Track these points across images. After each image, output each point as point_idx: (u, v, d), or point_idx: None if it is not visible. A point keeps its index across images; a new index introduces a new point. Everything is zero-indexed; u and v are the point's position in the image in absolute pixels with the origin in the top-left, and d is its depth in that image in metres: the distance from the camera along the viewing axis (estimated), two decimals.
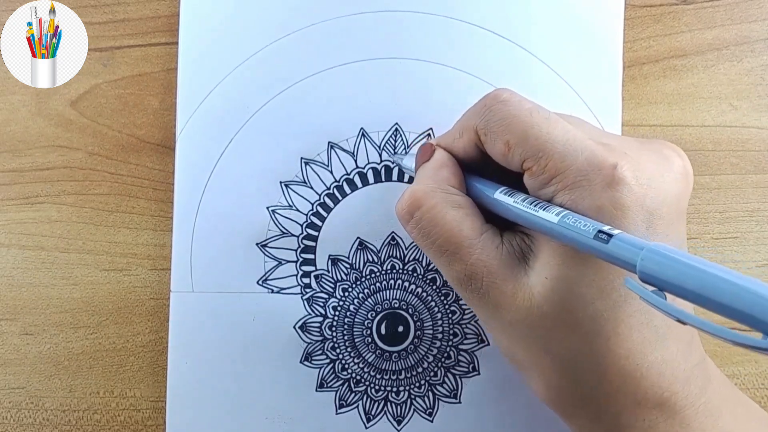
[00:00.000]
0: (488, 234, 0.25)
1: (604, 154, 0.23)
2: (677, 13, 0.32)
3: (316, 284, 0.32)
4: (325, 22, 0.32)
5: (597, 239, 0.21)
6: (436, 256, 0.26)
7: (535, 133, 0.24)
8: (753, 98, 0.32)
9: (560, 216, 0.22)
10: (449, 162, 0.27)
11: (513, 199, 0.25)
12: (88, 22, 0.33)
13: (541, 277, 0.24)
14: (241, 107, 0.32)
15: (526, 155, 0.24)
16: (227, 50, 0.32)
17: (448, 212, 0.25)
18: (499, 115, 0.25)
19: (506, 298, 0.24)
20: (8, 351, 0.33)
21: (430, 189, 0.26)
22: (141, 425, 0.32)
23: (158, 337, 0.32)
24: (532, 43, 0.32)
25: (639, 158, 0.23)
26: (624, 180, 0.22)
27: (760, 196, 0.32)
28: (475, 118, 0.26)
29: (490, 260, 0.24)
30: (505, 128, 0.24)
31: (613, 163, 0.23)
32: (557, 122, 0.24)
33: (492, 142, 0.25)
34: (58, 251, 0.33)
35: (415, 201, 0.26)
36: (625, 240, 0.21)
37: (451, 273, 0.25)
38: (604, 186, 0.22)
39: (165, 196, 0.33)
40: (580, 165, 0.23)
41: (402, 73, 0.32)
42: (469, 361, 0.32)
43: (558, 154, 0.23)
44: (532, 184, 0.24)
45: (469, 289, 0.25)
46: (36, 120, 0.33)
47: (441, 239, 0.25)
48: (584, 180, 0.23)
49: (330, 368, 0.32)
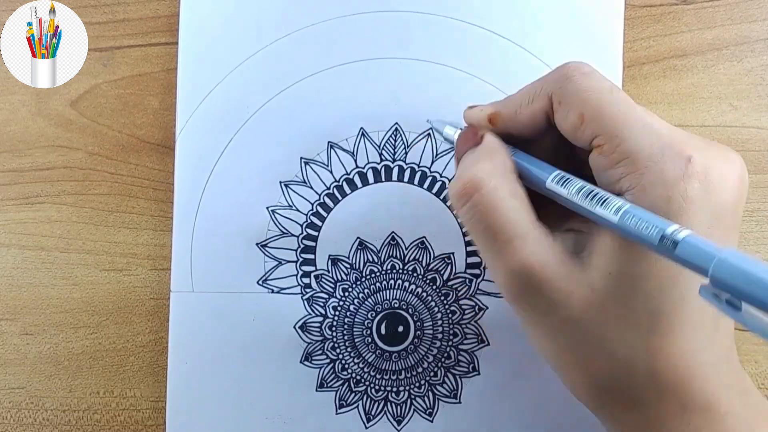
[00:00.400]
0: (543, 230, 0.24)
1: (680, 144, 0.22)
2: (677, 13, 0.32)
3: (316, 284, 0.32)
4: (325, 22, 0.32)
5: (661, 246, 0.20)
6: (488, 244, 0.24)
7: (614, 110, 0.23)
8: (753, 98, 0.32)
9: (620, 215, 0.22)
10: (503, 148, 0.26)
11: (567, 191, 0.24)
12: (88, 22, 0.33)
13: (603, 272, 0.23)
14: (240, 107, 0.32)
15: (599, 131, 0.23)
16: (227, 50, 0.32)
17: (508, 199, 0.24)
18: (579, 86, 0.24)
19: (561, 295, 0.23)
20: (8, 351, 0.33)
21: (490, 173, 0.24)
22: (141, 425, 0.32)
23: (158, 337, 0.32)
24: (532, 42, 0.32)
25: (711, 156, 0.23)
26: (696, 174, 0.22)
27: (760, 196, 0.32)
28: (551, 85, 0.25)
29: (546, 255, 0.23)
30: (583, 101, 0.23)
31: (687, 155, 0.22)
32: (635, 106, 0.23)
33: (565, 112, 0.24)
34: (58, 251, 0.33)
35: (475, 183, 0.24)
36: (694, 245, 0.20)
37: (502, 265, 0.24)
38: (677, 177, 0.22)
39: (165, 196, 0.33)
40: (655, 151, 0.22)
41: (402, 73, 0.32)
42: (469, 361, 0.32)
43: (633, 137, 0.22)
44: (600, 162, 0.23)
45: (519, 283, 0.23)
46: (36, 120, 0.33)
47: (497, 225, 0.23)
48: (656, 166, 0.22)
49: (330, 368, 0.32)
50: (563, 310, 0.23)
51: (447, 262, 0.32)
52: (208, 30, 0.32)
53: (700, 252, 0.20)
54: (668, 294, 0.22)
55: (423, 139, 0.32)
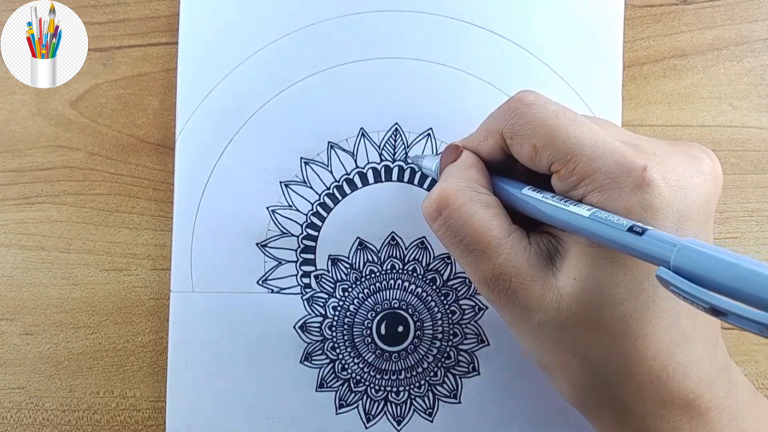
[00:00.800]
0: (516, 234, 0.25)
1: (633, 155, 0.23)
2: (677, 13, 0.32)
3: (316, 284, 0.32)
4: (325, 22, 0.32)
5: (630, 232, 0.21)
6: (463, 255, 0.25)
7: (563, 135, 0.24)
8: (753, 98, 0.32)
9: (592, 211, 0.22)
10: (477, 162, 0.27)
11: (542, 196, 0.24)
12: (88, 22, 0.33)
13: (569, 278, 0.24)
14: (240, 107, 0.32)
15: (553, 158, 0.24)
16: (227, 50, 0.32)
17: (477, 211, 0.25)
18: (525, 118, 0.24)
19: (534, 299, 0.24)
20: (8, 351, 0.33)
21: (459, 187, 0.25)
22: (141, 425, 0.32)
23: (158, 337, 0.32)
24: (532, 43, 0.32)
25: (668, 159, 0.23)
26: (653, 182, 0.22)
27: (760, 196, 0.32)
28: (500, 122, 0.25)
29: (519, 260, 0.24)
30: (532, 131, 0.24)
31: (642, 165, 0.22)
32: (584, 124, 0.24)
33: (518, 145, 0.25)
34: (58, 251, 0.33)
35: (443, 199, 0.25)
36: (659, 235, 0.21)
37: (478, 273, 0.25)
38: (633, 188, 0.22)
39: (165, 196, 0.33)
40: (609, 167, 0.23)
41: (402, 73, 0.32)
42: (469, 361, 0.32)
43: (586, 157, 0.23)
44: (560, 186, 0.24)
45: (496, 290, 0.25)
46: (36, 120, 0.33)
47: (469, 238, 0.25)
48: (613, 182, 0.23)
49: (330, 368, 0.32)
50: (537, 314, 0.24)
51: (447, 262, 0.32)
52: (208, 30, 0.32)
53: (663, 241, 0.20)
54: (636, 298, 0.23)
55: (423, 139, 0.32)
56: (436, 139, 0.32)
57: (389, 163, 0.32)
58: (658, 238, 0.21)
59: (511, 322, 0.26)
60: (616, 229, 0.21)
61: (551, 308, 0.24)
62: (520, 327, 0.25)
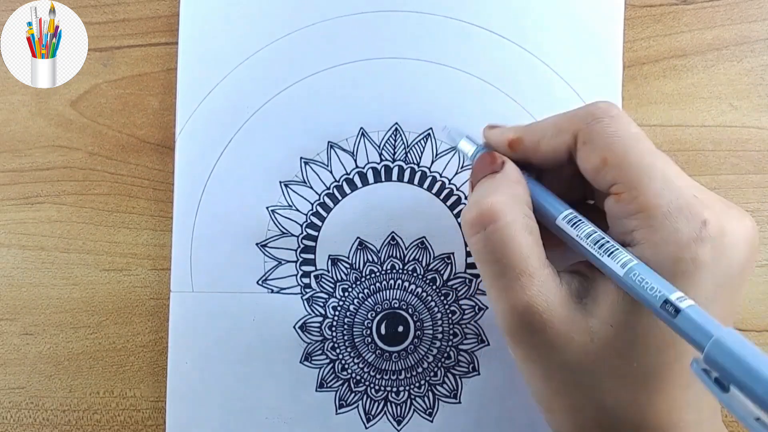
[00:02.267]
0: (550, 269, 0.24)
1: (698, 206, 0.22)
2: (677, 13, 0.32)
3: (316, 284, 0.32)
4: (325, 22, 0.32)
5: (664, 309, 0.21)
6: (495, 277, 0.24)
7: (637, 160, 0.23)
8: (753, 98, 0.32)
9: (626, 270, 0.22)
10: (521, 178, 0.25)
11: (577, 233, 0.24)
12: (88, 22, 0.33)
13: (605, 324, 0.23)
14: (240, 107, 0.32)
15: (619, 179, 0.23)
16: (227, 50, 0.32)
17: (522, 235, 0.23)
18: (606, 129, 0.24)
19: (561, 339, 0.23)
20: (8, 351, 0.33)
21: (510, 205, 0.24)
22: (141, 425, 0.32)
23: (158, 337, 0.32)
24: (532, 42, 0.32)
25: (723, 218, 0.23)
26: (710, 238, 0.22)
27: (760, 196, 0.32)
28: (578, 123, 0.24)
29: (551, 296, 0.23)
30: (609, 145, 0.23)
31: (704, 219, 0.22)
32: (660, 158, 0.23)
33: (588, 152, 0.24)
34: (58, 251, 0.33)
35: (492, 214, 0.23)
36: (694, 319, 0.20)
37: (507, 301, 0.23)
38: (690, 239, 0.22)
39: (165, 196, 0.33)
40: (672, 209, 0.22)
41: (402, 73, 0.32)
42: (469, 361, 0.32)
43: (653, 191, 0.22)
44: (615, 210, 0.23)
45: (522, 322, 0.23)
46: (36, 120, 0.33)
47: (506, 260, 0.23)
48: (671, 226, 0.22)
49: (330, 368, 0.32)
50: (560, 354, 0.23)
51: (447, 262, 0.32)
52: (208, 30, 0.32)
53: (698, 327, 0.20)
54: (664, 353, 0.23)
55: (423, 139, 0.32)
56: (436, 139, 0.32)
57: (389, 163, 0.32)
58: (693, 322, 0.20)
59: (528, 358, 0.24)
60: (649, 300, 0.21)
61: (578, 351, 0.23)
62: (538, 365, 0.24)
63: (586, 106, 0.25)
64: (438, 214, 0.32)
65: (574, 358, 0.23)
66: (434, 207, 0.32)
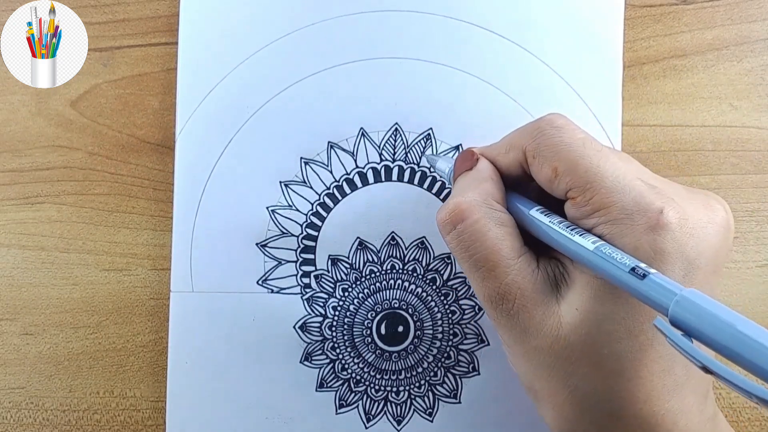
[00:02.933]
0: (526, 257, 0.25)
1: (652, 196, 0.23)
2: (677, 13, 0.32)
3: (316, 284, 0.32)
4: (325, 22, 0.32)
5: (632, 274, 0.21)
6: (471, 270, 0.25)
7: (585, 164, 0.24)
8: (753, 98, 0.32)
9: (597, 244, 0.22)
10: (493, 174, 0.27)
11: (549, 219, 0.25)
12: (88, 22, 0.33)
13: (571, 308, 0.24)
14: (240, 107, 0.32)
15: (572, 185, 0.24)
16: (227, 50, 0.32)
17: (491, 229, 0.25)
18: (552, 140, 0.25)
19: (534, 323, 0.24)
20: (8, 351, 0.33)
21: (476, 202, 0.25)
22: (141, 425, 0.32)
23: (158, 337, 0.32)
24: (532, 43, 0.32)
25: (685, 205, 0.23)
26: (668, 226, 0.22)
27: (760, 196, 0.32)
28: (525, 139, 0.26)
29: (525, 283, 0.24)
30: (556, 154, 0.24)
31: (659, 207, 0.22)
32: (608, 157, 0.24)
33: (539, 165, 0.25)
34: (58, 251, 0.33)
35: (459, 213, 0.25)
36: (661, 281, 0.20)
37: (483, 290, 0.25)
38: (647, 228, 0.22)
39: (165, 196, 0.33)
40: (627, 203, 0.23)
41: (402, 73, 0.32)
42: (469, 361, 0.32)
43: (605, 189, 0.23)
44: (573, 213, 0.24)
45: (499, 308, 0.25)
46: (36, 120, 0.33)
47: (479, 255, 0.25)
48: (628, 218, 0.23)
49: (330, 368, 0.32)
50: (534, 338, 0.24)
51: (447, 262, 0.32)
52: (208, 30, 0.32)
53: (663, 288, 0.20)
54: (635, 339, 0.23)
55: (423, 139, 0.32)
56: (436, 139, 0.32)
57: (389, 163, 0.32)
58: (659, 283, 0.20)
59: (509, 342, 0.26)
60: (618, 268, 0.21)
61: (549, 335, 0.24)
62: (516, 349, 0.25)
63: (534, 121, 0.26)
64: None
65: (547, 342, 0.24)
66: (434, 207, 0.32)
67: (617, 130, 0.32)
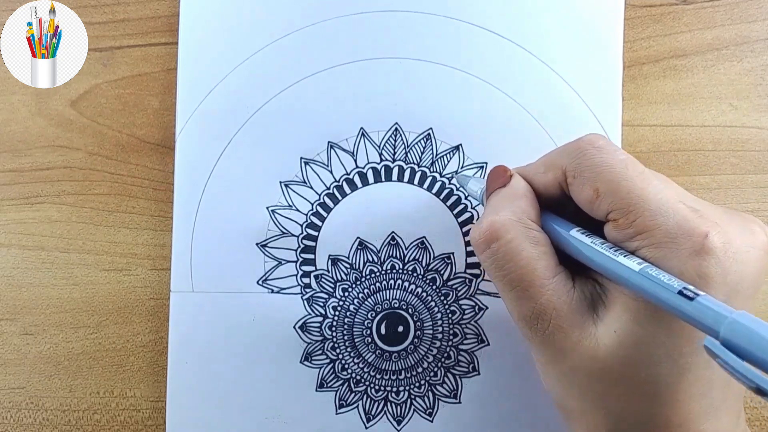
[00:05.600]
0: (561, 276, 0.24)
1: (697, 220, 0.22)
2: (677, 13, 0.32)
3: (316, 284, 0.32)
4: (325, 22, 0.32)
5: (681, 296, 0.20)
6: (506, 289, 0.25)
7: (628, 186, 0.23)
8: (753, 98, 0.32)
9: (642, 266, 0.22)
10: (528, 192, 0.26)
11: (591, 241, 0.24)
12: (88, 22, 0.33)
13: (610, 330, 0.23)
14: (240, 107, 0.32)
15: (614, 206, 0.23)
16: (227, 50, 0.32)
17: (526, 248, 0.24)
18: (593, 161, 0.24)
19: (570, 344, 0.24)
20: (8, 351, 0.33)
21: (510, 221, 0.25)
22: (141, 425, 0.32)
23: (158, 337, 0.32)
24: (532, 43, 0.32)
25: (728, 229, 0.23)
26: (713, 251, 0.22)
27: (760, 196, 0.32)
28: (565, 159, 0.25)
29: (560, 303, 0.24)
30: (597, 175, 0.24)
31: (704, 232, 0.22)
32: (651, 179, 0.24)
33: (580, 186, 0.24)
34: (58, 251, 0.33)
35: (493, 232, 0.25)
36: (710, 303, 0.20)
37: (518, 309, 0.25)
38: (692, 253, 0.22)
39: (165, 196, 0.33)
40: (671, 227, 0.22)
41: (402, 73, 0.32)
42: (469, 361, 0.32)
43: (649, 212, 0.23)
44: (615, 236, 0.24)
45: (534, 328, 0.24)
46: (36, 120, 0.33)
47: (514, 274, 0.24)
48: (672, 243, 0.22)
49: (330, 368, 0.32)
50: (569, 359, 0.24)
51: (447, 262, 0.32)
52: (208, 30, 0.32)
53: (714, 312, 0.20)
54: (674, 362, 0.23)
55: (423, 139, 0.32)
56: (436, 139, 0.32)
57: (389, 163, 0.32)
58: (709, 306, 0.20)
59: (543, 362, 0.25)
60: (666, 290, 0.21)
61: (586, 356, 0.23)
62: (551, 369, 0.25)
63: (574, 141, 0.25)
64: (438, 214, 0.32)
65: (583, 363, 0.23)
66: (434, 207, 0.32)
67: (617, 130, 0.32)
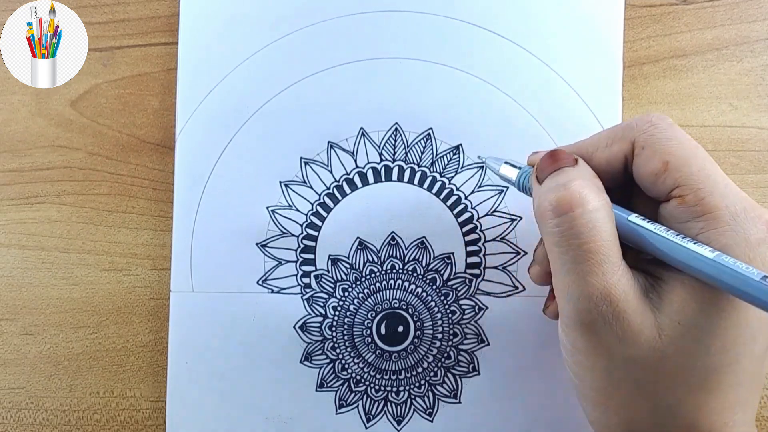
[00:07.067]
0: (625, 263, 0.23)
1: (760, 209, 0.22)
2: (677, 13, 0.32)
3: (316, 284, 0.32)
4: (325, 22, 0.32)
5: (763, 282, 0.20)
6: (575, 262, 0.23)
7: (699, 163, 0.23)
8: (753, 98, 0.32)
9: (716, 254, 0.21)
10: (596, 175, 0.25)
11: (655, 227, 0.23)
12: (88, 22, 0.33)
13: (673, 321, 0.23)
14: (240, 107, 0.32)
15: (683, 182, 0.23)
16: (227, 50, 0.32)
17: (607, 223, 0.23)
18: (665, 134, 0.24)
19: (631, 332, 0.23)
20: (8, 351, 0.33)
21: (596, 192, 0.23)
22: (141, 425, 0.32)
23: (158, 337, 0.32)
24: (532, 43, 0.32)
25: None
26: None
27: (760, 196, 0.32)
28: (634, 131, 0.24)
29: (628, 287, 0.23)
30: (668, 148, 0.23)
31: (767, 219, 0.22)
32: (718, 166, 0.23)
33: (647, 158, 0.24)
34: (58, 251, 0.33)
35: (579, 198, 0.23)
36: None
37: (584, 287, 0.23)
38: (759, 239, 0.22)
39: (165, 196, 0.33)
40: (738, 211, 0.22)
41: (402, 73, 0.32)
42: (469, 361, 0.32)
43: (719, 192, 0.22)
44: (678, 214, 0.23)
45: (597, 310, 0.23)
46: (36, 120, 0.33)
47: (590, 245, 0.23)
48: (738, 227, 0.22)
49: (330, 368, 0.32)
50: (628, 348, 0.23)
51: (447, 262, 0.32)
52: (208, 30, 0.32)
53: None
54: (726, 353, 0.23)
55: (423, 139, 0.32)
56: (436, 139, 0.32)
57: (389, 163, 0.32)
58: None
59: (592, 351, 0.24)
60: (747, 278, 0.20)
61: (645, 346, 0.23)
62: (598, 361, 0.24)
63: (640, 116, 0.25)
64: (438, 214, 0.32)
65: (641, 353, 0.23)
66: (434, 207, 0.32)
67: None
